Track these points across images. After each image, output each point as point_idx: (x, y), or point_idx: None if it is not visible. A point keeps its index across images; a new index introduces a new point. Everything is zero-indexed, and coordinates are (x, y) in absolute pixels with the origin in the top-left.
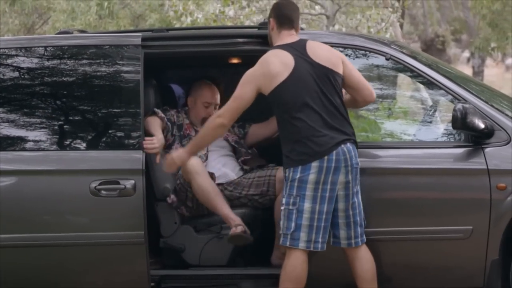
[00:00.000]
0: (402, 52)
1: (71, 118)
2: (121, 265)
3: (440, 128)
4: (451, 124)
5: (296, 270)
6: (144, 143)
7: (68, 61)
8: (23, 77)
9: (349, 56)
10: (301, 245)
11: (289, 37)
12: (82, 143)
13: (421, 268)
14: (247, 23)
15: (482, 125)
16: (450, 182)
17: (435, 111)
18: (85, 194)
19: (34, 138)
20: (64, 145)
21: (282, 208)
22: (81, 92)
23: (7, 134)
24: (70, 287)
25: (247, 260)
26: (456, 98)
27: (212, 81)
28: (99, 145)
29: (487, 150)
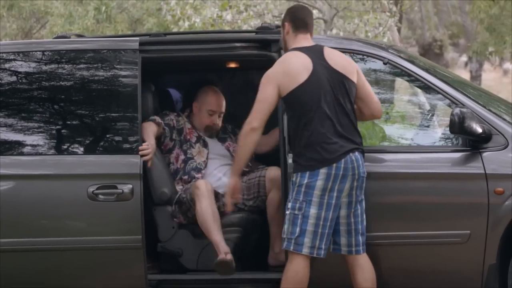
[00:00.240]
0: (399, 56)
1: (69, 122)
2: (118, 269)
3: (438, 132)
4: (448, 128)
5: (298, 275)
6: (140, 148)
7: (65, 65)
8: (20, 81)
9: None
10: (304, 250)
11: (305, 40)
12: (79, 147)
13: (418, 272)
14: (245, 27)
15: (479, 130)
16: (448, 186)
17: (432, 115)
18: (82, 198)
19: (32, 142)
20: (62, 150)
21: (287, 212)
22: (79, 97)
23: (4, 138)
24: None
25: (244, 265)
26: (454, 102)
27: (209, 85)
28: (97, 150)
29: (484, 154)
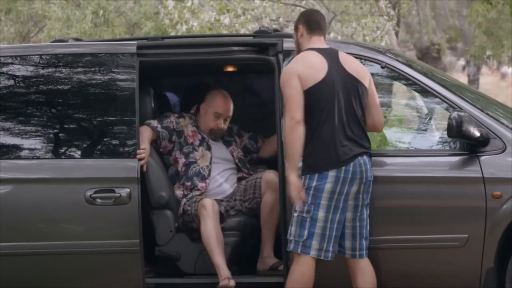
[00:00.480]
0: (397, 60)
1: (66, 126)
2: (116, 273)
3: (436, 136)
4: (446, 132)
5: (305, 277)
6: (138, 151)
7: (63, 69)
8: (18, 85)
9: None
10: (312, 253)
11: (320, 43)
12: (77, 151)
13: (416, 276)
14: (243, 31)
15: (477, 133)
16: (446, 190)
17: (430, 119)
18: (80, 202)
19: (29, 146)
20: (59, 154)
21: (294, 214)
22: (76, 100)
23: (2, 142)
24: None
25: (242, 269)
26: (452, 106)
27: (206, 89)
28: (94, 154)
29: (482, 158)
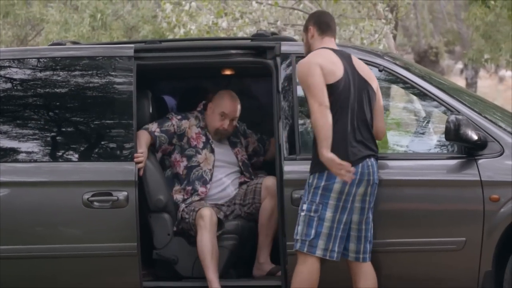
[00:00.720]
0: (395, 63)
1: (64, 129)
2: (113, 276)
3: (433, 139)
4: (444, 135)
5: (313, 277)
6: (136, 155)
7: (61, 72)
8: (16, 88)
9: None
10: (318, 252)
11: (332, 43)
12: (74, 154)
13: (414, 279)
14: (240, 34)
15: (475, 137)
16: (443, 193)
17: (428, 122)
18: (77, 205)
19: (27, 149)
20: (57, 157)
21: (302, 213)
22: (74, 104)
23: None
24: None
25: (240, 272)
26: (449, 109)
27: (205, 92)
28: (92, 157)
29: (480, 161)
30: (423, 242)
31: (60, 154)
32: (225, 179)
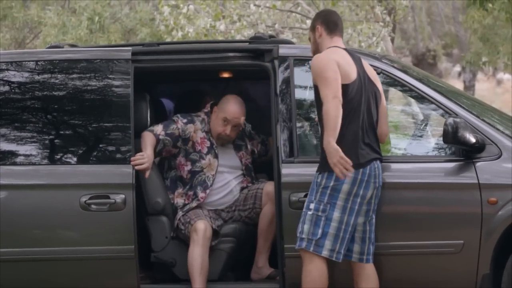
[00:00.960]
0: (393, 66)
1: (62, 132)
2: (111, 279)
3: (431, 142)
4: (442, 138)
5: (323, 276)
6: (132, 158)
7: (58, 75)
8: (13, 91)
9: None
10: (324, 253)
11: (341, 43)
12: (72, 157)
13: (412, 282)
14: (238, 37)
15: (473, 140)
16: (441, 196)
17: (426, 125)
18: (75, 208)
19: (25, 152)
20: (55, 160)
21: (309, 213)
22: (72, 107)
23: None
24: None
25: (238, 275)
26: (447, 112)
27: (202, 95)
28: (90, 160)
29: (478, 164)
30: (421, 245)
31: (57, 157)
32: (227, 185)
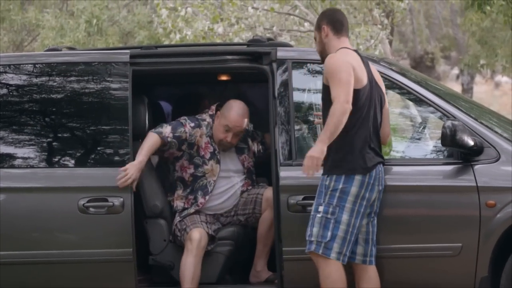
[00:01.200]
0: (391, 69)
1: (60, 135)
2: (109, 282)
3: (430, 145)
4: (440, 141)
5: (342, 276)
6: (117, 178)
7: (56, 78)
8: (11, 94)
9: None
10: (332, 255)
11: (348, 44)
12: (70, 160)
13: (410, 285)
14: (236, 40)
15: (471, 142)
16: (439, 199)
17: (424, 128)
18: (73, 211)
19: (23, 155)
20: (53, 162)
21: (318, 215)
22: (70, 109)
23: None
24: None
25: (236, 278)
26: (445, 115)
27: (200, 98)
28: (88, 162)
29: (476, 167)
30: (419, 248)
31: (55, 159)
32: (227, 190)
